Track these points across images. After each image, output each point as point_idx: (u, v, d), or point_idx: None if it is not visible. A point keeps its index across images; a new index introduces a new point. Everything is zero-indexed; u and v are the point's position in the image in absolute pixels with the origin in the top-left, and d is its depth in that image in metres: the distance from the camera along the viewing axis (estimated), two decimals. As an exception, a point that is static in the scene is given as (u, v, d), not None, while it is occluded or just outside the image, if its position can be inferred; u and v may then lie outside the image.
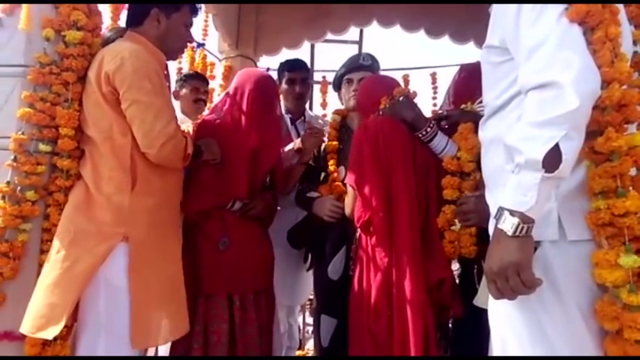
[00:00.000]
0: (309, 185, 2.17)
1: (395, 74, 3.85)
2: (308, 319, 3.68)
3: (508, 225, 0.96)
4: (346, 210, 1.87)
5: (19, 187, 1.58)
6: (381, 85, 1.93)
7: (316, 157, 2.23)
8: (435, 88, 4.41)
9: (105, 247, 1.50)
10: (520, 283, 0.96)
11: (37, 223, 1.62)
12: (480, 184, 1.46)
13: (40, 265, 1.58)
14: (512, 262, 0.96)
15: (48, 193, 1.65)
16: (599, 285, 1.01)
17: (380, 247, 1.67)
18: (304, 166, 2.23)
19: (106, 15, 2.15)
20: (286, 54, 3.79)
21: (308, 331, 3.69)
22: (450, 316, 1.75)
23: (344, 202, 1.91)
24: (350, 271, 1.87)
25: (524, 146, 0.96)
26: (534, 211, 0.95)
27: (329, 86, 4.05)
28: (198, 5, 1.83)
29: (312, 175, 2.21)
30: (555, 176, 0.94)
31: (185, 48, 1.95)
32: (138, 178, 1.58)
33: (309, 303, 3.49)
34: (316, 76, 4.25)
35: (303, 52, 4.05)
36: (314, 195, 2.09)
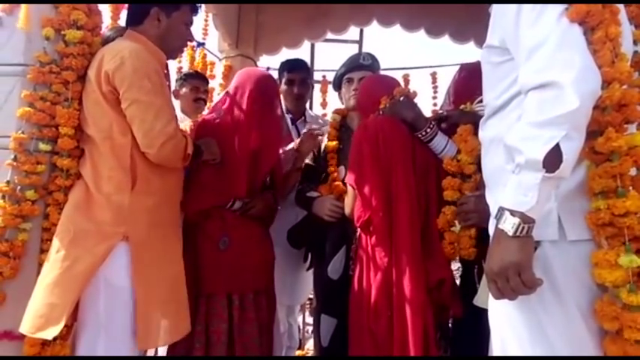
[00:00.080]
0: (309, 185, 2.16)
1: (395, 74, 3.84)
2: (308, 318, 3.67)
3: (509, 225, 0.96)
4: (346, 210, 1.87)
5: (19, 187, 1.58)
6: (381, 85, 1.93)
7: (316, 157, 2.23)
8: (435, 87, 4.41)
9: (105, 246, 1.50)
10: (521, 283, 0.96)
11: (37, 222, 1.62)
12: (480, 184, 1.46)
13: (40, 265, 1.58)
14: (513, 262, 0.96)
15: (48, 192, 1.64)
16: (598, 285, 1.01)
17: (380, 247, 1.67)
18: (299, 172, 2.23)
19: (106, 14, 2.15)
20: (286, 53, 3.80)
21: (308, 331, 3.69)
22: (450, 316, 1.75)
23: (344, 201, 1.91)
24: (350, 271, 1.87)
25: (524, 146, 0.96)
26: (535, 211, 0.95)
27: (329, 86, 4.06)
28: (198, 4, 1.83)
29: (312, 175, 2.21)
30: (556, 176, 0.94)
31: (185, 47, 1.95)
32: (138, 177, 1.57)
33: (309, 303, 3.49)
34: (316, 76, 4.25)
35: (303, 52, 4.06)
36: (314, 195, 2.08)
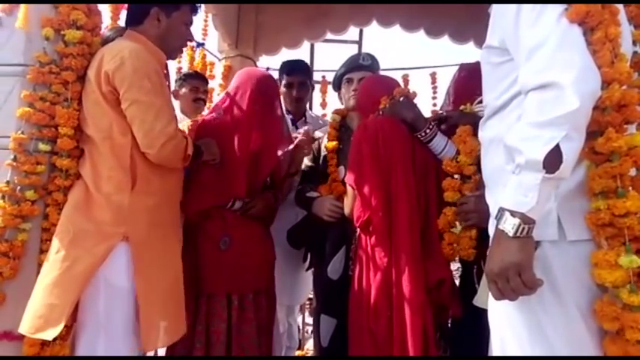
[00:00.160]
0: (308, 185, 2.16)
1: (395, 74, 3.85)
2: (308, 319, 3.67)
3: (509, 226, 0.96)
4: (345, 210, 1.87)
5: (18, 187, 1.58)
6: (381, 85, 1.93)
7: (316, 157, 2.23)
8: (435, 88, 4.41)
9: (104, 246, 1.50)
10: (521, 283, 0.96)
11: (36, 222, 1.62)
12: (480, 184, 1.46)
13: (40, 265, 1.57)
14: (513, 262, 0.96)
15: (47, 192, 1.64)
16: (598, 285, 1.01)
17: (379, 247, 1.67)
18: (293, 177, 2.23)
19: (106, 14, 2.15)
20: (286, 54, 3.80)
21: (308, 331, 3.69)
22: (449, 317, 1.75)
23: (343, 201, 1.91)
24: (349, 271, 1.87)
25: (524, 147, 0.96)
26: (535, 212, 0.95)
27: (329, 86, 4.06)
28: (197, 4, 1.83)
29: (312, 175, 2.21)
30: (556, 177, 0.94)
31: (185, 47, 1.94)
32: (138, 177, 1.57)
33: (308, 303, 3.49)
34: (316, 76, 4.24)
35: (302, 52, 4.06)
36: (313, 195, 2.08)
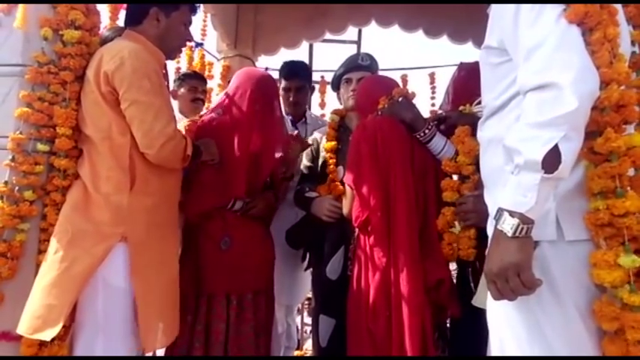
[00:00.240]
0: (307, 185, 2.16)
1: (393, 74, 3.85)
2: (306, 319, 3.68)
3: (508, 226, 0.96)
4: (344, 210, 1.87)
5: (16, 187, 1.58)
6: (380, 86, 1.93)
7: (314, 157, 2.23)
8: (434, 88, 4.41)
9: (103, 247, 1.50)
10: (520, 283, 0.96)
11: (34, 223, 1.61)
12: (479, 184, 1.46)
13: (38, 265, 1.57)
14: (512, 262, 0.96)
15: (45, 192, 1.64)
16: (597, 285, 1.01)
17: (378, 247, 1.67)
18: (288, 182, 2.23)
19: (104, 14, 2.14)
20: (284, 53, 3.79)
21: (306, 331, 3.69)
22: (448, 317, 1.75)
23: (342, 202, 1.91)
24: (348, 271, 1.87)
25: (523, 147, 0.96)
26: (534, 212, 0.95)
27: (327, 86, 4.05)
28: (196, 4, 1.82)
29: (311, 175, 2.21)
30: (555, 177, 0.94)
31: (184, 47, 1.94)
32: (136, 178, 1.57)
33: (307, 303, 3.49)
34: (315, 76, 4.23)
35: (301, 52, 4.06)
36: (312, 195, 2.08)
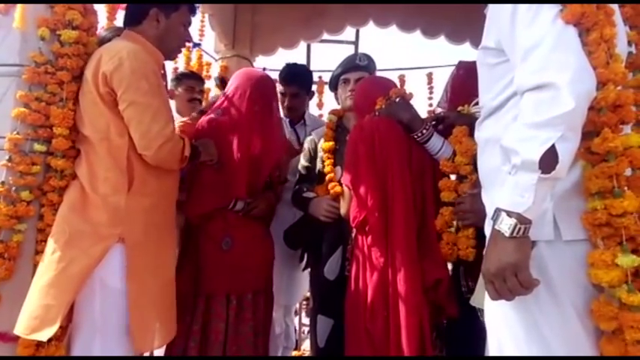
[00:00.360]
0: (305, 185, 2.16)
1: (391, 74, 3.86)
2: (304, 319, 3.68)
3: (505, 226, 0.96)
4: (342, 210, 1.87)
5: (13, 188, 1.57)
6: (378, 86, 1.94)
7: (312, 158, 2.23)
8: (431, 88, 4.41)
9: (100, 247, 1.49)
10: (518, 283, 0.96)
11: (32, 223, 1.61)
12: (477, 184, 1.47)
13: (35, 266, 1.57)
14: (510, 263, 0.96)
15: (42, 193, 1.63)
16: (594, 285, 1.01)
17: (376, 247, 1.67)
18: (282, 185, 2.23)
19: (102, 14, 2.14)
20: (282, 54, 3.79)
21: (304, 332, 3.69)
22: (446, 316, 1.75)
23: (340, 202, 1.91)
24: (346, 272, 1.87)
25: (520, 147, 0.96)
26: (531, 212, 0.95)
27: (325, 86, 4.05)
28: (195, 5, 1.82)
29: (309, 176, 2.21)
30: (552, 177, 0.94)
31: (183, 47, 1.94)
32: (134, 179, 1.57)
33: (305, 303, 3.49)
34: (312, 76, 4.24)
35: (299, 52, 4.06)
36: (310, 195, 2.08)
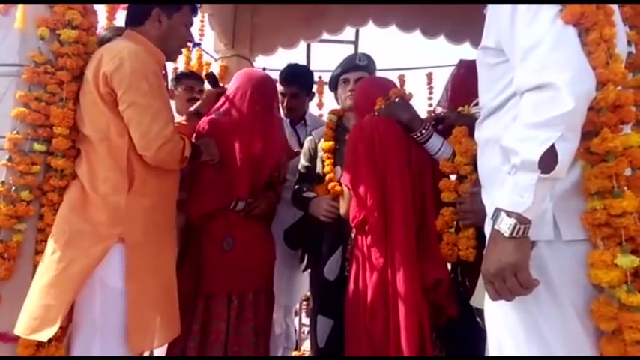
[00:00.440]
0: (305, 185, 2.16)
1: (391, 74, 3.85)
2: (304, 319, 3.68)
3: (505, 226, 0.96)
4: (341, 210, 1.87)
5: (13, 187, 1.57)
6: (378, 86, 1.94)
7: (312, 157, 2.23)
8: (431, 88, 4.41)
9: (100, 247, 1.49)
10: (517, 284, 0.96)
11: (32, 223, 1.61)
12: (476, 184, 1.47)
13: (35, 266, 1.57)
14: (510, 263, 0.96)
15: (42, 193, 1.63)
16: (594, 285, 1.01)
17: (375, 247, 1.67)
18: (281, 185, 2.23)
19: (102, 14, 2.14)
20: (282, 54, 3.79)
21: (304, 332, 3.69)
22: (445, 316, 1.75)
23: (340, 202, 1.91)
24: (346, 272, 1.87)
25: (520, 147, 0.96)
26: (531, 212, 0.95)
27: (325, 86, 4.05)
28: (196, 5, 1.82)
29: (308, 176, 2.21)
30: (551, 177, 0.94)
31: (184, 48, 1.93)
32: (134, 179, 1.57)
33: (305, 303, 3.49)
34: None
35: (299, 52, 4.06)
36: (310, 195, 2.09)
